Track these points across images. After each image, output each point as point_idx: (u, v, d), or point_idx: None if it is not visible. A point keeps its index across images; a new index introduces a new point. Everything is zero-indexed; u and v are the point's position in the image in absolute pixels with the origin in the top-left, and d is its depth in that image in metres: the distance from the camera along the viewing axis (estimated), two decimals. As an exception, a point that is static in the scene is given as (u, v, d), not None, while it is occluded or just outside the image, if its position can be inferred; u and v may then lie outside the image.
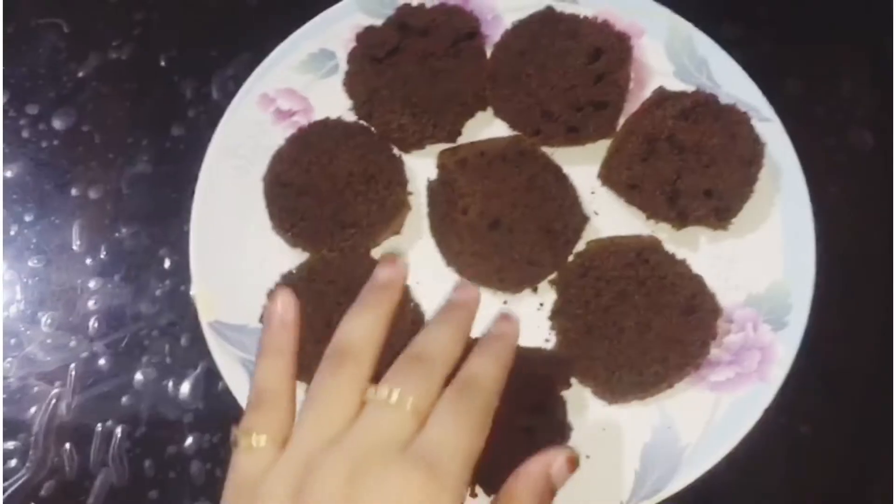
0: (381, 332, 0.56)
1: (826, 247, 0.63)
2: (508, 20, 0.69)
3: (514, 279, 0.63)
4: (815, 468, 0.65)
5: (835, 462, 0.64)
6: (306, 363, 0.60)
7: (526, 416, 0.58)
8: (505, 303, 0.65)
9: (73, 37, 0.76)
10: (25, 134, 0.73)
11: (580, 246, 0.65)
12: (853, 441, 0.65)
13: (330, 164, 0.64)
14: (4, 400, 0.67)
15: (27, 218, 0.71)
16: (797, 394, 0.61)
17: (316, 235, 0.64)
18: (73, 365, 0.68)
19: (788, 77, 0.72)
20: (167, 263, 0.70)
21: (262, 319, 0.61)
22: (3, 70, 0.75)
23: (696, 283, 0.62)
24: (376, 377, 0.54)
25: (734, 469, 0.60)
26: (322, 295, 0.62)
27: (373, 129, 0.67)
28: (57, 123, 0.74)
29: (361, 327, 0.56)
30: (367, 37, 0.68)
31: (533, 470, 0.52)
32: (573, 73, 0.65)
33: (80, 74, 0.75)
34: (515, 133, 0.68)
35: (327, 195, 0.64)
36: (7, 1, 0.76)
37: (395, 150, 0.67)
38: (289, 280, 0.63)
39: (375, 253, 0.65)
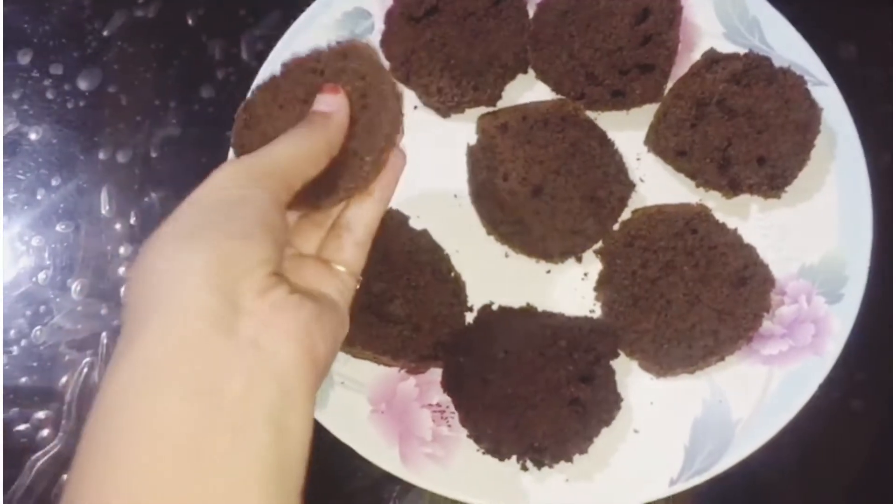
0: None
1: (881, 216, 0.61)
2: (551, -22, 0.66)
3: (557, 248, 0.62)
4: (867, 444, 0.63)
5: (886, 438, 0.63)
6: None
7: (573, 387, 0.56)
8: (548, 272, 0.63)
9: (97, -6, 0.73)
10: (50, 95, 0.71)
11: (626, 214, 0.63)
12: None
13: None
14: (35, 368, 0.66)
15: (54, 182, 0.69)
16: (849, 367, 0.60)
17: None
18: (104, 333, 0.66)
19: (841, 41, 0.69)
20: (198, 230, 0.68)
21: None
22: (27, 29, 0.72)
23: (748, 253, 0.60)
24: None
25: (782, 444, 0.58)
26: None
27: (412, 91, 0.65)
28: (82, 84, 0.71)
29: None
30: (404, -6, 0.66)
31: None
32: (619, 34, 0.63)
33: (105, 33, 0.72)
34: (558, 97, 0.65)
35: None
36: (28, -43, 0.73)
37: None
38: None
39: (409, 211, 0.63)
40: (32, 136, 0.70)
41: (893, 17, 0.69)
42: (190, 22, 0.72)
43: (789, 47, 0.65)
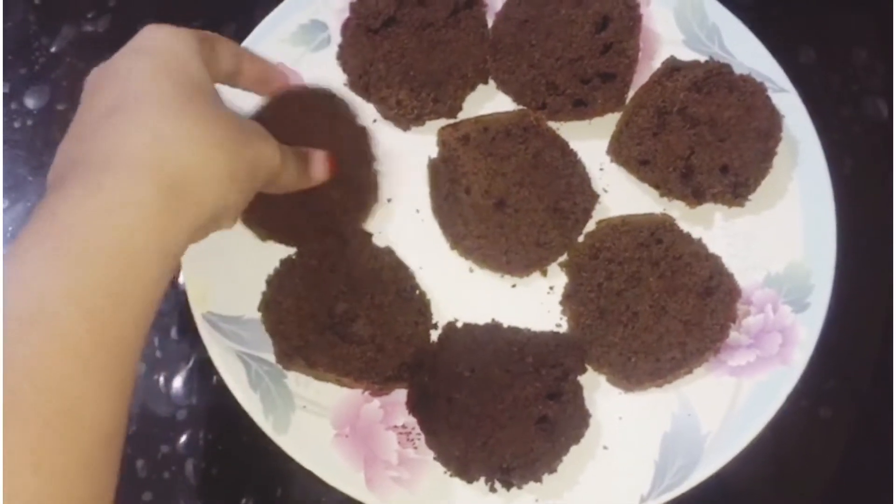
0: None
1: (842, 221, 0.61)
2: (510, -13, 0.66)
3: (521, 262, 0.61)
4: (838, 451, 0.63)
5: (856, 446, 0.63)
6: (309, 353, 0.57)
7: (540, 405, 0.56)
8: (514, 286, 0.62)
9: (43, 8, 0.71)
10: (-4, 114, 0.69)
11: (590, 226, 0.62)
12: (874, 425, 0.63)
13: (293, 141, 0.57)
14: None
15: (2, 205, 0.67)
16: (817, 376, 0.60)
17: (287, 228, 0.60)
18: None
19: (801, 46, 0.70)
20: (153, 251, 0.66)
21: (259, 308, 0.58)
22: (-31, 46, 0.70)
23: (713, 263, 0.60)
24: None
25: (753, 455, 0.57)
26: (323, 282, 0.59)
27: (371, 104, 0.64)
28: (30, 102, 0.69)
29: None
30: (361, 6, 0.65)
31: None
32: (579, 43, 0.63)
33: (53, 49, 0.70)
34: (520, 107, 0.65)
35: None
36: (-29, -29, 0.71)
37: (359, 120, 0.63)
38: (288, 266, 0.59)
39: (372, 227, 0.62)
40: (-22, 158, 0.68)
41: (893, 23, 0.69)
42: (141, 36, 0.70)
43: (749, 54, 0.64)
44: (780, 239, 0.61)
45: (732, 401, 0.58)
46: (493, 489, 0.55)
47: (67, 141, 0.45)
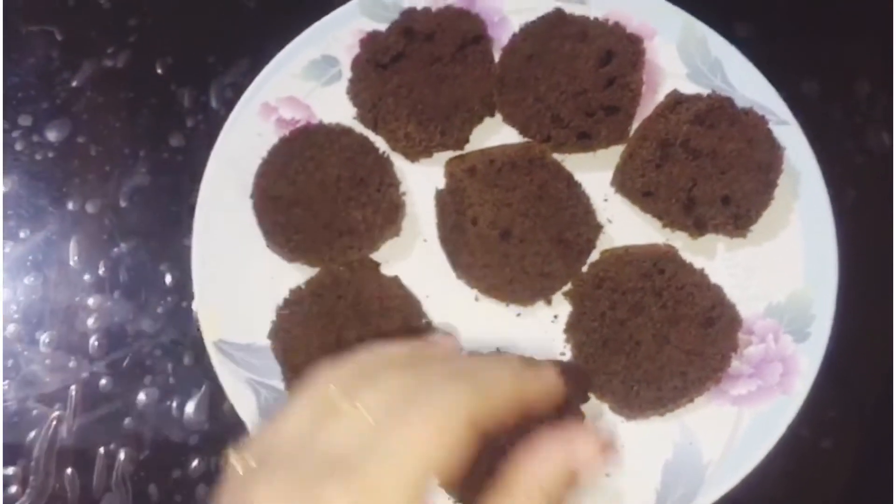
0: None
1: (845, 252, 0.62)
2: (516, 23, 0.67)
3: (526, 291, 0.62)
4: (837, 483, 0.63)
5: (857, 477, 0.63)
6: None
7: (543, 433, 0.56)
8: (518, 315, 0.63)
9: (66, 45, 0.73)
10: (18, 146, 0.71)
11: (594, 256, 0.63)
12: (876, 456, 0.63)
13: (317, 171, 0.63)
14: (3, 424, 0.65)
15: (22, 234, 0.69)
16: (818, 406, 0.60)
17: (313, 248, 0.62)
18: (73, 386, 0.66)
19: (803, 78, 0.70)
20: (168, 279, 0.68)
21: (269, 336, 0.59)
22: (-5, 81, 0.73)
23: (715, 293, 0.61)
24: None
25: (754, 484, 0.58)
26: (331, 311, 0.60)
27: (380, 137, 0.66)
28: (51, 135, 0.71)
29: None
30: (370, 42, 0.66)
31: (551, 453, 0.40)
32: (583, 77, 0.64)
33: (74, 84, 0.72)
34: (525, 140, 0.66)
35: (319, 204, 0.62)
36: (-3, 8, 0.74)
37: (382, 150, 0.65)
38: (297, 295, 0.61)
39: (379, 257, 0.64)
40: (1, 189, 0.70)
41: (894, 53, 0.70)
42: (159, 71, 0.72)
43: (751, 87, 0.65)
44: (781, 269, 0.62)
45: (734, 430, 0.58)
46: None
47: None
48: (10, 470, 0.64)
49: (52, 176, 0.70)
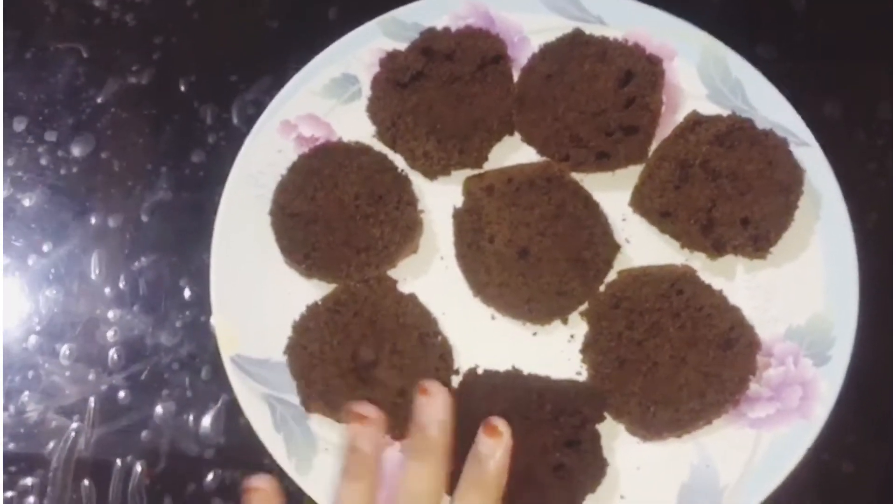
0: (372, 498, 0.53)
1: (868, 275, 0.61)
2: (535, 43, 0.68)
3: (543, 310, 0.62)
4: (862, 507, 0.62)
5: (879, 502, 0.62)
6: (332, 397, 0.58)
7: (558, 452, 0.56)
8: (534, 334, 0.63)
9: (91, 62, 0.75)
10: (44, 161, 0.72)
11: (611, 276, 0.63)
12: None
13: (335, 188, 0.63)
14: (22, 434, 0.66)
15: (45, 248, 0.70)
16: (839, 429, 0.59)
17: (331, 265, 0.62)
18: (92, 398, 0.66)
19: (826, 100, 0.70)
20: (187, 294, 0.68)
21: (285, 352, 0.60)
22: (22, 97, 0.74)
23: (734, 315, 0.60)
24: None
25: (773, 508, 0.57)
26: (347, 327, 0.60)
27: (398, 155, 0.66)
28: (76, 150, 0.72)
29: (355, 496, 0.53)
30: (390, 61, 0.67)
31: None
32: (603, 97, 0.64)
33: (99, 100, 0.73)
34: (544, 159, 0.66)
35: (337, 221, 0.62)
36: (26, 26, 0.75)
37: (401, 168, 0.65)
38: (314, 312, 0.61)
39: (396, 274, 0.64)
40: (26, 203, 0.71)
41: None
42: (182, 88, 0.73)
43: (772, 108, 0.65)
44: (802, 292, 0.61)
45: (752, 453, 0.58)
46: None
47: None
48: (29, 480, 0.65)
49: (75, 190, 0.71)
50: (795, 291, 0.61)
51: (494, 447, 0.52)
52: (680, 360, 0.59)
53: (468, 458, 0.53)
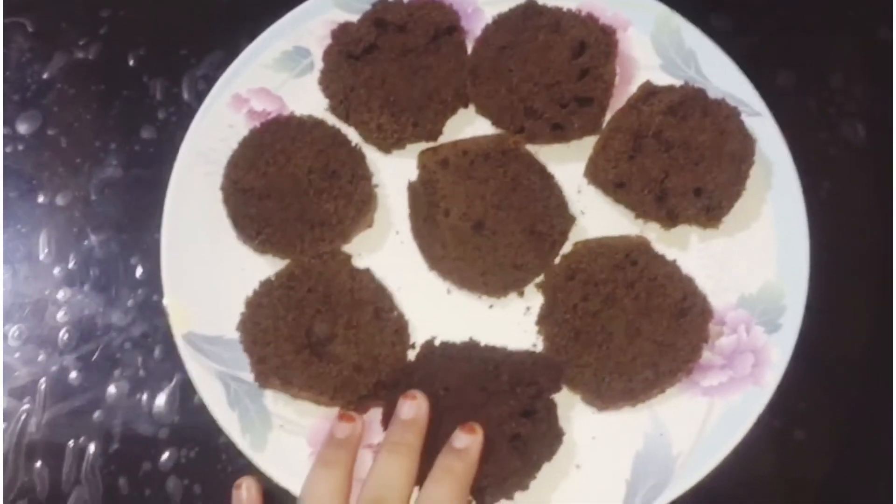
0: (344, 486, 0.54)
1: (819, 244, 0.62)
2: (489, 13, 0.67)
3: (499, 283, 0.62)
4: (810, 474, 0.63)
5: (830, 467, 0.63)
6: (286, 372, 0.58)
7: (514, 422, 0.56)
8: (490, 307, 0.63)
9: (37, 36, 0.73)
10: (-12, 139, 0.71)
11: (567, 247, 0.63)
12: (849, 445, 0.63)
13: (288, 163, 0.62)
14: (-29, 418, 0.65)
15: (-4, 227, 0.69)
16: (791, 396, 0.60)
17: (284, 240, 0.62)
18: (42, 379, 0.65)
19: (779, 69, 0.70)
20: (139, 272, 0.67)
21: (238, 328, 0.59)
22: (-36, 73, 0.72)
23: (687, 284, 0.60)
24: None
25: (725, 476, 0.58)
26: (301, 303, 0.60)
27: (352, 128, 0.65)
28: (21, 127, 0.71)
29: (324, 484, 0.54)
30: (342, 33, 0.66)
31: None
32: (557, 69, 0.64)
33: (45, 76, 0.72)
34: (498, 131, 0.66)
35: (290, 197, 0.62)
36: (-33, 0, 0.73)
37: (354, 142, 0.65)
38: (268, 288, 0.61)
39: (351, 249, 0.63)
40: (-30, 182, 0.70)
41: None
42: (131, 62, 0.72)
43: (725, 78, 0.65)
44: (753, 261, 0.62)
45: (704, 421, 0.58)
46: (463, 507, 0.56)
47: None
48: (-21, 464, 0.64)
49: (22, 169, 0.70)
50: (747, 260, 0.62)
51: (469, 442, 0.54)
52: (634, 331, 0.59)
53: (444, 449, 0.55)
